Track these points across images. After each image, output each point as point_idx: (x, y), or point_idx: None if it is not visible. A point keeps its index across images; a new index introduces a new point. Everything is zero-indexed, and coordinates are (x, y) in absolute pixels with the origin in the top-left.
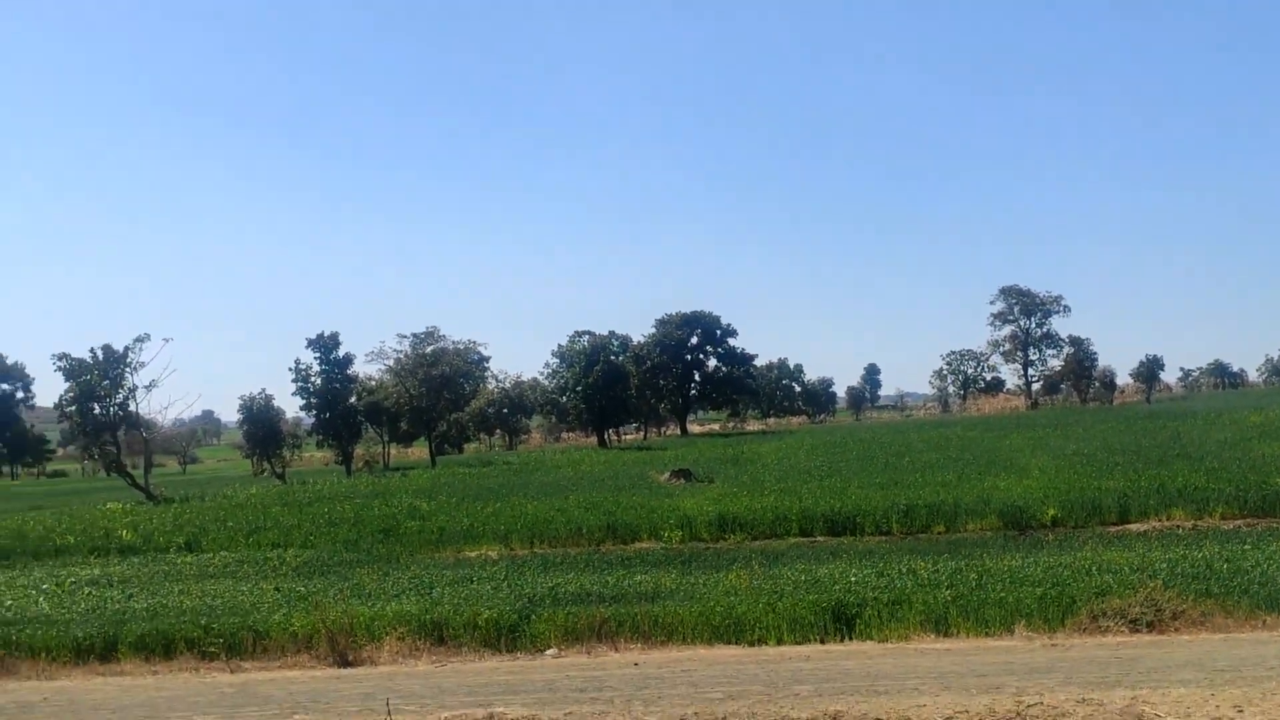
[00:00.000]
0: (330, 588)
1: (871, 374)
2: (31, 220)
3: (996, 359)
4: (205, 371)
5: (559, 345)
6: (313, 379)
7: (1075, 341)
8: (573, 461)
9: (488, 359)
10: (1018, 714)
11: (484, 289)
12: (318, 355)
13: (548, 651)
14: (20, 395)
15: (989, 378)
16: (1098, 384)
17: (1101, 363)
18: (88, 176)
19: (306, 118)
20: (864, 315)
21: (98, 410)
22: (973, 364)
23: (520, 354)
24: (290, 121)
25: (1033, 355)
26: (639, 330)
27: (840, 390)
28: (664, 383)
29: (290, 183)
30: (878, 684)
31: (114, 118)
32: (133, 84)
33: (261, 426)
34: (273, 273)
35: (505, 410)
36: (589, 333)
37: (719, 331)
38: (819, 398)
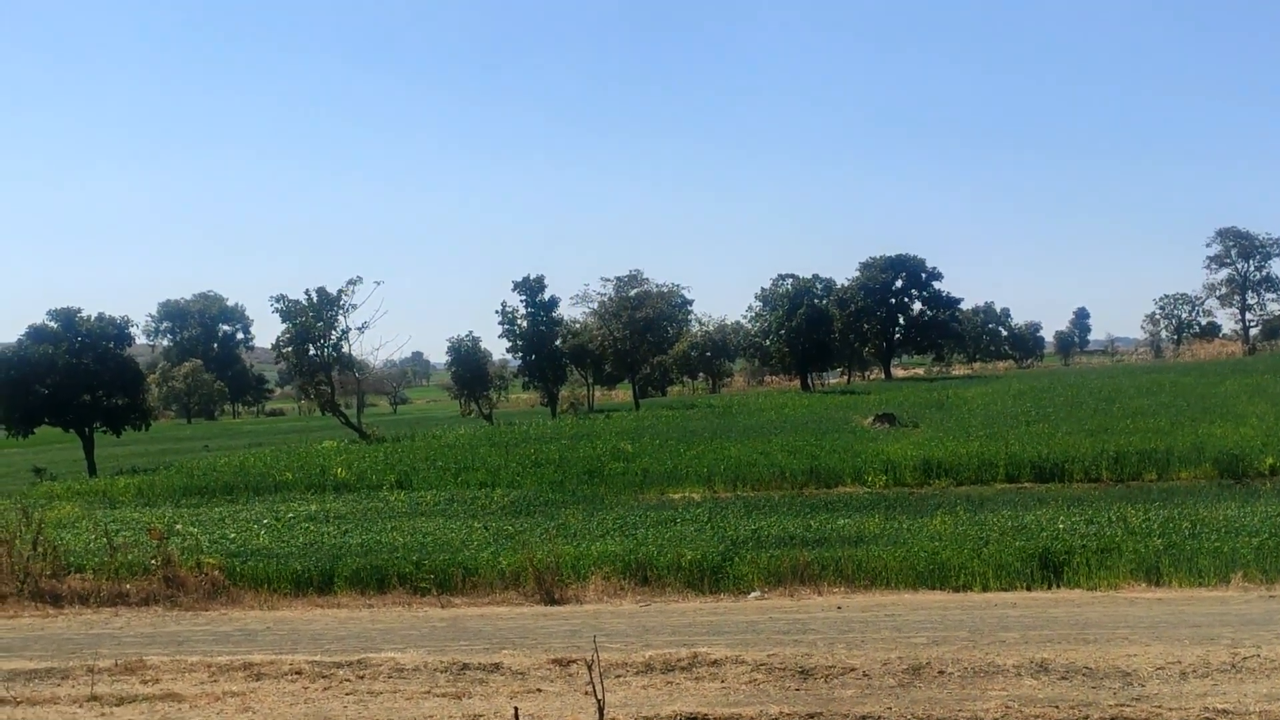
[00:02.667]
0: (537, 527)
1: (1080, 318)
2: (250, 167)
3: (1212, 303)
4: (415, 314)
5: (762, 288)
6: (519, 321)
7: None
8: (775, 405)
9: (691, 302)
10: (1233, 665)
11: (687, 232)
12: (524, 298)
13: (750, 594)
14: (241, 336)
15: (1204, 322)
16: None
17: None
18: (298, 126)
19: (499, 60)
20: (1073, 258)
21: (313, 351)
22: (1187, 308)
23: (723, 297)
24: (486, 64)
25: (1251, 299)
26: (843, 273)
27: (1048, 335)
28: (868, 326)
29: (492, 130)
30: (1086, 632)
31: (307, 64)
32: (327, 33)
33: (469, 368)
34: (480, 217)
35: (708, 353)
36: (792, 276)
37: (924, 274)
38: (1026, 342)
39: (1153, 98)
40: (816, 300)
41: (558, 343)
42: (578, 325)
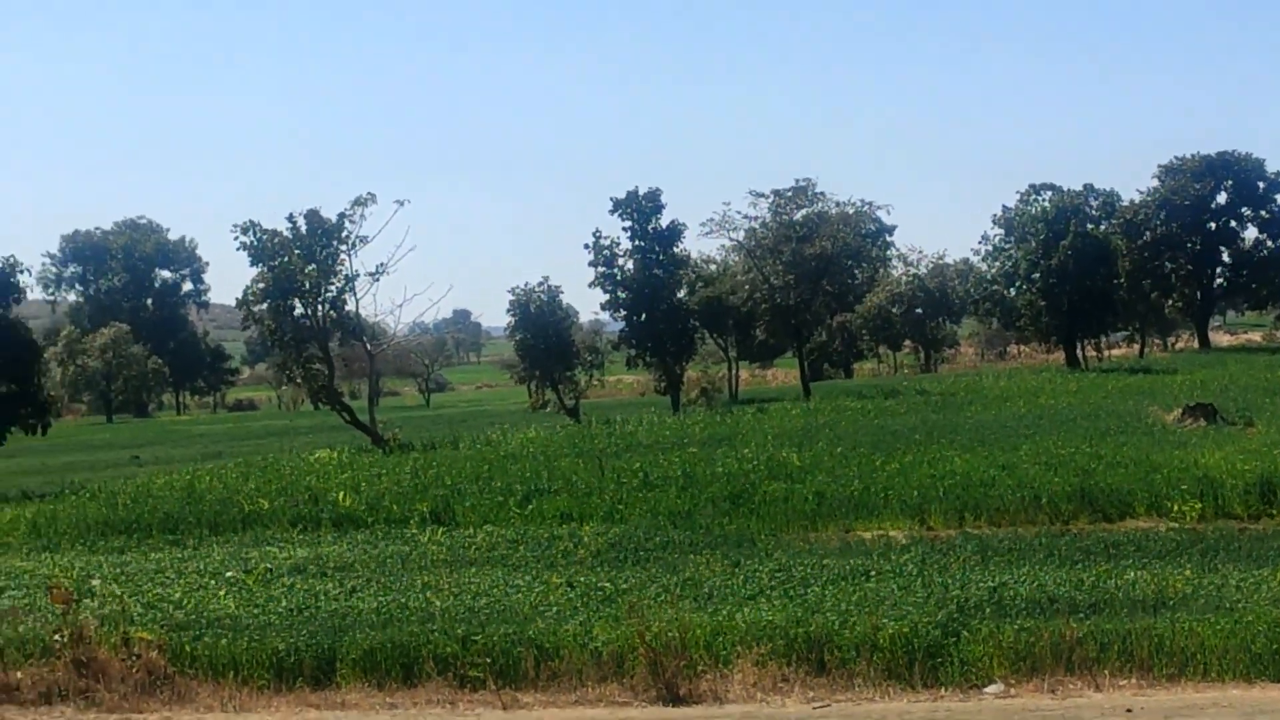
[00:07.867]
0: (650, 584)
1: None
2: (196, 39)
3: None
4: (459, 254)
5: (1003, 207)
6: (621, 261)
7: None
8: (1026, 390)
9: (891, 229)
10: None
11: (878, 124)
12: (629, 225)
13: (988, 688)
14: (189, 288)
15: None
16: None
17: None
18: None
19: None
20: None
21: (300, 310)
22: None
23: (938, 223)
24: None
25: None
26: (1132, 184)
27: None
28: (1172, 266)
29: None
30: None
31: None
32: None
33: (543, 335)
34: (559, 108)
35: (918, 310)
36: (1052, 187)
37: (1262, 184)
38: None
39: None
40: (1091, 226)
41: (681, 294)
42: (713, 268)
